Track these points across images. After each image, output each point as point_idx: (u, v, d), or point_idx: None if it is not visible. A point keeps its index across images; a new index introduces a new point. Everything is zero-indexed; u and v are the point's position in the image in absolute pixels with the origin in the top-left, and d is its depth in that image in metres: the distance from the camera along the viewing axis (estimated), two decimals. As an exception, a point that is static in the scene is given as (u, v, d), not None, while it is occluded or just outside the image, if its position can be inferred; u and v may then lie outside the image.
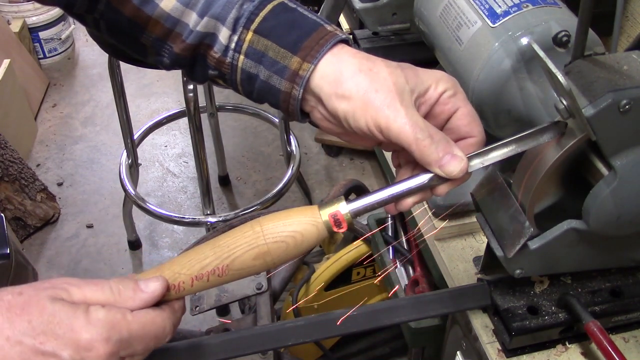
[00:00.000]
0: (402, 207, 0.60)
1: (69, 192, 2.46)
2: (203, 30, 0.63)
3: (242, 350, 0.69)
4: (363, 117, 0.57)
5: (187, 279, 0.57)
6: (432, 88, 0.59)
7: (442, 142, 0.57)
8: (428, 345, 1.06)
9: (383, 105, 0.56)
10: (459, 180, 0.59)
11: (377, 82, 0.57)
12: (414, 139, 0.55)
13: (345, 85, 0.58)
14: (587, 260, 0.73)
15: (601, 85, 0.62)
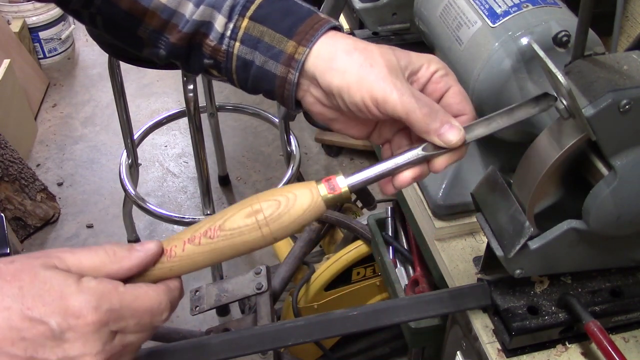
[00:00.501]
0: (399, 182, 0.59)
1: (69, 192, 2.46)
2: (199, 19, 0.63)
3: (242, 350, 0.69)
4: (358, 91, 0.57)
5: (179, 243, 0.56)
6: (425, 67, 0.60)
7: (441, 112, 0.57)
8: (428, 345, 1.06)
9: (378, 78, 0.56)
10: (456, 154, 0.58)
11: (372, 58, 0.58)
12: (412, 108, 0.55)
13: (340, 61, 0.59)
14: (587, 260, 0.73)
15: (601, 85, 0.62)
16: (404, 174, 0.59)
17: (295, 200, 0.56)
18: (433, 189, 0.87)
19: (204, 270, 2.13)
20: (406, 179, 0.59)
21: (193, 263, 0.57)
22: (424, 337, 0.94)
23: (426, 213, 0.89)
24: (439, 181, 0.87)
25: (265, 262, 1.48)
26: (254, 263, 2.18)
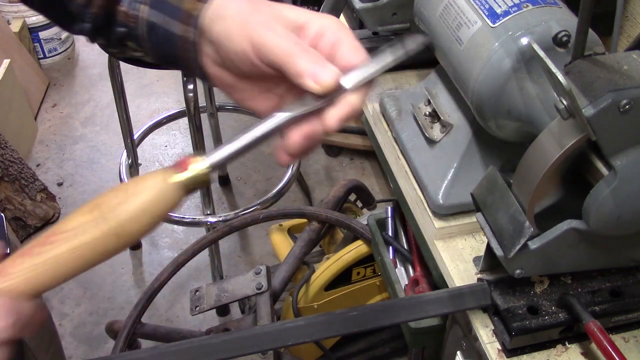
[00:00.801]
0: (289, 146, 0.52)
1: (69, 192, 2.46)
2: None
3: (242, 350, 0.69)
4: (238, 36, 0.53)
5: (12, 259, 0.48)
6: (315, 21, 0.55)
7: (317, 55, 0.51)
8: (428, 345, 1.06)
9: (261, 25, 0.53)
10: (347, 106, 0.52)
11: (258, 7, 0.55)
12: (290, 51, 0.50)
13: (228, 9, 0.55)
14: (587, 260, 0.73)
15: (601, 85, 0.62)
16: (291, 136, 0.51)
17: (136, 187, 0.49)
18: (433, 189, 0.87)
19: (204, 270, 2.13)
20: (296, 141, 0.51)
21: (36, 277, 0.48)
22: (424, 337, 0.94)
23: (426, 213, 0.89)
24: (439, 181, 0.87)
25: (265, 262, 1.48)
26: (254, 263, 2.18)
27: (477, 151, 0.88)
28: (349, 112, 0.52)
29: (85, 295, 2.09)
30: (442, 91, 0.95)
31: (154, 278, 1.45)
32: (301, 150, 0.52)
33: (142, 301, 1.40)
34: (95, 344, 1.95)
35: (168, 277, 1.45)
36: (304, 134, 0.51)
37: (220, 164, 0.50)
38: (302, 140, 0.51)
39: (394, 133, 0.98)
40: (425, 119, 0.93)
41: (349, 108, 0.52)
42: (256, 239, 2.28)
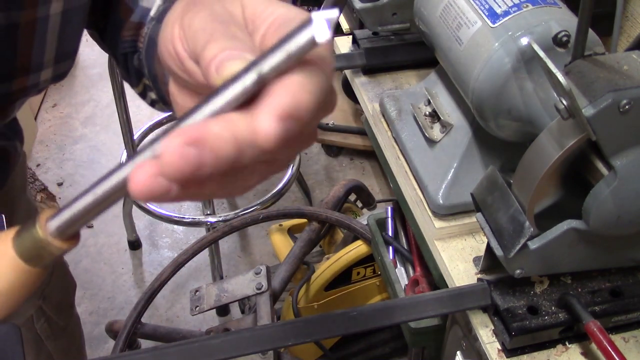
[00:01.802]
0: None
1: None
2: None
3: (242, 350, 0.69)
4: (170, 27, 0.40)
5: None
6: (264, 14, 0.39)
7: (243, 42, 0.35)
8: (428, 345, 1.06)
9: (195, 12, 0.39)
10: (285, 99, 0.30)
11: (207, 2, 0.41)
12: (208, 36, 0.35)
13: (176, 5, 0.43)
14: (587, 260, 0.73)
15: (601, 85, 0.62)
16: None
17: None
18: (433, 189, 0.87)
19: (204, 270, 2.13)
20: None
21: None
22: (424, 337, 0.94)
23: (426, 213, 0.89)
24: (439, 181, 0.87)
25: (265, 262, 1.48)
26: (254, 263, 2.18)
27: (477, 151, 0.88)
28: (290, 103, 0.30)
29: (85, 295, 2.09)
30: (442, 91, 0.95)
31: (154, 278, 1.45)
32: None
33: (142, 301, 1.40)
34: (95, 344, 1.95)
35: (168, 277, 1.45)
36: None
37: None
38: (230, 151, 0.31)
39: (394, 133, 0.98)
40: (425, 119, 0.93)
41: (288, 98, 0.30)
42: (256, 239, 2.28)
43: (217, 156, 0.30)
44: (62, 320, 0.99)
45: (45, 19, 0.55)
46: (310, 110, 0.30)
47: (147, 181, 0.30)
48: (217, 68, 0.33)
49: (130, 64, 0.57)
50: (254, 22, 0.38)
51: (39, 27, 0.55)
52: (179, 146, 0.29)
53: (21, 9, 0.52)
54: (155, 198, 0.31)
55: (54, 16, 0.55)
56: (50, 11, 0.54)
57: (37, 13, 0.54)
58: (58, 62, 0.60)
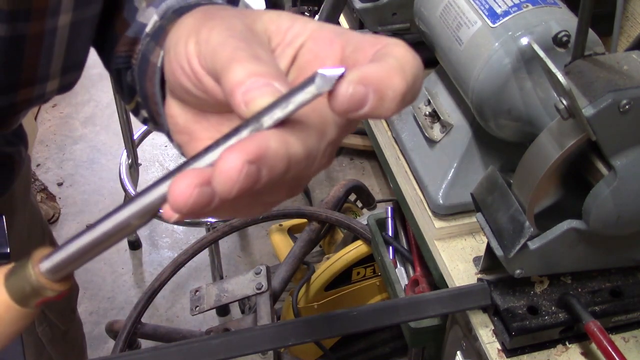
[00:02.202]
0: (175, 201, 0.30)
1: (69, 192, 2.46)
2: None
3: (242, 350, 0.69)
4: (184, 40, 0.37)
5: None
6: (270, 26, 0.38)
7: (269, 65, 0.33)
8: (428, 345, 1.06)
9: (213, 26, 0.37)
10: (252, 147, 0.29)
11: (221, 13, 0.40)
12: (229, 55, 0.33)
13: (185, 18, 0.41)
14: (587, 260, 0.73)
15: (601, 85, 0.62)
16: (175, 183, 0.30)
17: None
18: (433, 189, 0.87)
19: (204, 270, 2.13)
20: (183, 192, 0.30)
21: None
22: (424, 337, 0.94)
23: (426, 213, 0.89)
24: (439, 181, 0.87)
25: (265, 262, 1.48)
26: (254, 263, 2.18)
27: (477, 151, 0.88)
28: (255, 152, 0.28)
29: (85, 295, 2.09)
30: (442, 91, 0.95)
31: (154, 278, 1.45)
32: (191, 208, 0.30)
33: (142, 301, 1.40)
34: (95, 344, 1.95)
35: (168, 277, 1.45)
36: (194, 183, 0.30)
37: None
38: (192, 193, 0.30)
39: (394, 133, 0.98)
40: (425, 119, 0.93)
41: (255, 148, 0.29)
42: (256, 239, 2.28)
43: (273, 174, 0.29)
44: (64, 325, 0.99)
45: (53, 31, 0.54)
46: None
47: (191, 191, 0.29)
48: (246, 102, 0.31)
49: (124, 80, 0.55)
50: (282, 37, 0.37)
51: (47, 39, 0.54)
52: (240, 162, 0.28)
53: (28, 20, 0.51)
54: (197, 212, 0.30)
55: (62, 28, 0.54)
56: (59, 23, 0.53)
57: (45, 25, 0.53)
58: (65, 74, 0.59)
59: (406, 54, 0.33)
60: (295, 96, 0.30)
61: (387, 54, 0.33)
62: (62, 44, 0.56)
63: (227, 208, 0.32)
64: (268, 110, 0.30)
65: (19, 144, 0.76)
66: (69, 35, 0.55)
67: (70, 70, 0.60)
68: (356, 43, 0.35)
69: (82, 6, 0.54)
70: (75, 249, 0.34)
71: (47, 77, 0.58)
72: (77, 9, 0.54)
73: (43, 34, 0.53)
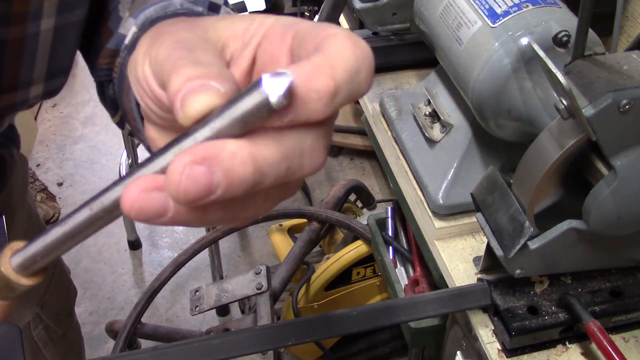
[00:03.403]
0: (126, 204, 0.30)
1: (69, 192, 2.46)
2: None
3: (242, 350, 0.69)
4: (141, 59, 0.36)
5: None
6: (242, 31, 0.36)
7: (211, 68, 0.31)
8: (428, 345, 1.06)
9: (165, 42, 0.35)
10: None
11: (176, 27, 0.38)
12: (173, 64, 0.32)
13: (146, 34, 0.39)
14: (587, 260, 0.73)
15: (601, 85, 0.62)
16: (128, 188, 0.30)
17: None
18: (433, 189, 0.87)
19: (204, 270, 2.13)
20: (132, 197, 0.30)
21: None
22: (424, 337, 0.94)
23: (426, 213, 0.89)
24: (439, 181, 0.87)
25: (265, 262, 1.48)
26: (254, 263, 2.18)
27: (477, 151, 0.88)
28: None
29: (85, 295, 2.09)
30: (442, 91, 0.95)
31: (154, 278, 1.45)
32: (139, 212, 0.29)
33: (142, 301, 1.40)
34: (95, 344, 1.95)
35: (168, 277, 1.45)
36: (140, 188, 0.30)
37: (34, 261, 0.35)
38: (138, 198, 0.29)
39: (394, 133, 0.98)
40: (425, 119, 0.93)
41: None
42: (256, 239, 2.28)
43: (231, 179, 0.28)
44: (61, 328, 0.98)
45: (35, 35, 0.52)
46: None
47: (139, 196, 0.28)
48: (181, 105, 0.29)
49: (107, 93, 0.54)
50: (239, 41, 0.35)
51: (28, 44, 0.53)
52: (187, 164, 0.27)
53: (8, 25, 0.50)
54: (148, 217, 0.29)
55: (44, 32, 0.53)
56: (41, 28, 0.52)
57: (26, 30, 0.51)
58: (49, 79, 0.58)
59: (342, 46, 0.30)
60: (242, 101, 0.28)
61: (319, 50, 0.30)
62: (45, 49, 0.55)
63: (195, 216, 0.30)
64: (216, 116, 0.29)
65: (10, 145, 0.76)
66: (53, 40, 0.54)
67: (55, 76, 0.59)
68: (302, 36, 0.33)
69: (65, 11, 0.53)
70: (44, 245, 0.34)
71: (31, 83, 0.57)
72: (61, 13, 0.53)
73: (24, 38, 0.52)
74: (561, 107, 0.60)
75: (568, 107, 0.59)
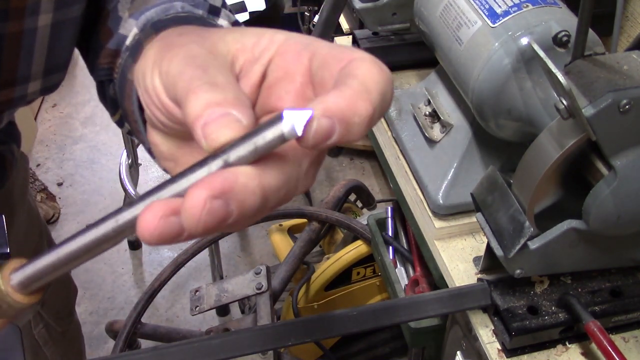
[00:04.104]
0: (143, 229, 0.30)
1: (69, 192, 2.46)
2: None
3: (242, 350, 0.69)
4: (150, 71, 0.37)
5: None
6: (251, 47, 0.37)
7: (229, 92, 0.32)
8: (428, 345, 1.06)
9: (174, 55, 0.36)
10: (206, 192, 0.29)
11: (185, 39, 0.39)
12: (188, 84, 0.33)
13: (153, 44, 0.41)
14: (587, 260, 0.73)
15: (601, 85, 0.62)
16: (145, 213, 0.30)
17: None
18: (433, 189, 0.87)
19: (204, 270, 2.13)
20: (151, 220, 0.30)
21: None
22: (424, 337, 0.94)
23: (426, 213, 0.89)
24: (439, 181, 0.87)
25: (265, 262, 1.48)
26: (254, 263, 2.18)
27: (477, 151, 0.88)
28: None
29: (85, 295, 2.09)
30: (442, 91, 0.95)
31: (154, 278, 1.45)
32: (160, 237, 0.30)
33: (142, 301, 1.40)
34: (95, 344, 1.95)
35: (168, 277, 1.45)
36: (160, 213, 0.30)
37: (34, 280, 0.35)
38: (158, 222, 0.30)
39: (394, 133, 0.98)
40: (425, 119, 0.93)
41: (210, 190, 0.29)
42: (256, 239, 2.28)
43: (243, 209, 0.30)
44: (61, 326, 0.98)
45: (33, 31, 0.53)
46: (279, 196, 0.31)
47: (159, 223, 0.30)
48: (205, 137, 0.31)
49: (107, 93, 0.54)
50: (249, 55, 0.36)
51: (26, 39, 0.53)
52: (207, 199, 0.28)
53: (6, 20, 0.51)
54: (166, 241, 0.30)
55: (42, 28, 0.53)
56: (39, 23, 0.53)
57: (23, 25, 0.52)
58: (47, 75, 0.58)
59: (371, 71, 0.32)
60: (262, 134, 0.29)
61: (351, 74, 0.32)
62: (43, 44, 0.55)
63: (222, 229, 0.32)
64: (234, 146, 0.30)
65: (10, 142, 0.76)
66: (50, 36, 0.55)
67: (53, 72, 0.59)
68: (323, 58, 0.34)
69: (63, 7, 0.53)
70: (44, 265, 0.34)
71: (29, 78, 0.57)
72: (58, 9, 0.53)
73: (22, 34, 0.52)
74: (561, 107, 0.60)
75: (568, 107, 0.59)
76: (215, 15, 0.52)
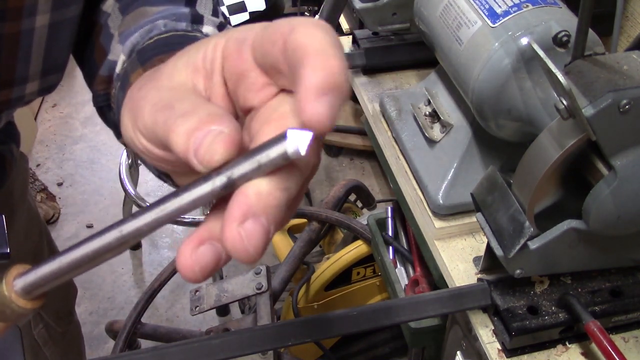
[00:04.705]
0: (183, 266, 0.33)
1: (69, 192, 2.46)
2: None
3: (242, 350, 0.69)
4: (133, 134, 0.38)
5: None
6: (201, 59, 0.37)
7: (195, 112, 0.32)
8: (428, 345, 1.06)
9: (140, 99, 0.37)
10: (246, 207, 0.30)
11: (150, 77, 0.40)
12: (164, 124, 0.34)
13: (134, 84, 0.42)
14: (587, 260, 0.73)
15: (601, 85, 0.62)
16: (181, 251, 0.32)
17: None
18: (433, 189, 0.87)
19: (204, 270, 2.13)
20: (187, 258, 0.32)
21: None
22: (424, 337, 0.94)
23: (426, 213, 0.89)
24: (439, 181, 0.87)
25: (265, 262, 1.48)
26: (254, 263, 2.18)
27: (477, 151, 0.88)
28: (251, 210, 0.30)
29: (85, 295, 2.09)
30: (442, 91, 0.95)
31: (154, 278, 1.45)
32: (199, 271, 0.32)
33: (142, 301, 1.40)
34: (95, 344, 1.95)
35: (168, 277, 1.45)
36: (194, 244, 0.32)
37: (37, 286, 0.35)
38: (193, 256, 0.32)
39: (394, 133, 0.98)
40: (425, 119, 0.93)
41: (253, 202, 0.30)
42: (256, 239, 2.27)
43: (276, 220, 0.31)
44: (61, 326, 0.98)
45: (30, 31, 0.53)
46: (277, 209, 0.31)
47: (193, 258, 0.32)
48: (200, 161, 0.31)
49: (109, 118, 0.54)
50: (204, 71, 0.36)
51: (23, 40, 0.53)
52: (237, 228, 0.30)
53: (4, 20, 0.51)
54: (210, 272, 0.32)
55: (39, 29, 0.53)
56: (36, 24, 0.53)
57: (21, 25, 0.52)
58: (45, 75, 0.59)
59: (314, 36, 0.31)
60: (265, 152, 0.30)
61: (300, 62, 0.30)
62: (40, 45, 0.55)
63: None
64: (238, 163, 0.31)
65: (10, 142, 0.76)
66: (48, 36, 0.55)
67: (50, 72, 0.59)
68: (261, 47, 0.34)
69: (60, 7, 0.53)
70: (49, 271, 0.35)
71: (26, 79, 0.57)
72: (56, 10, 0.53)
73: (19, 34, 0.53)
74: (561, 107, 0.60)
75: (568, 107, 0.59)
76: (198, 23, 0.52)
